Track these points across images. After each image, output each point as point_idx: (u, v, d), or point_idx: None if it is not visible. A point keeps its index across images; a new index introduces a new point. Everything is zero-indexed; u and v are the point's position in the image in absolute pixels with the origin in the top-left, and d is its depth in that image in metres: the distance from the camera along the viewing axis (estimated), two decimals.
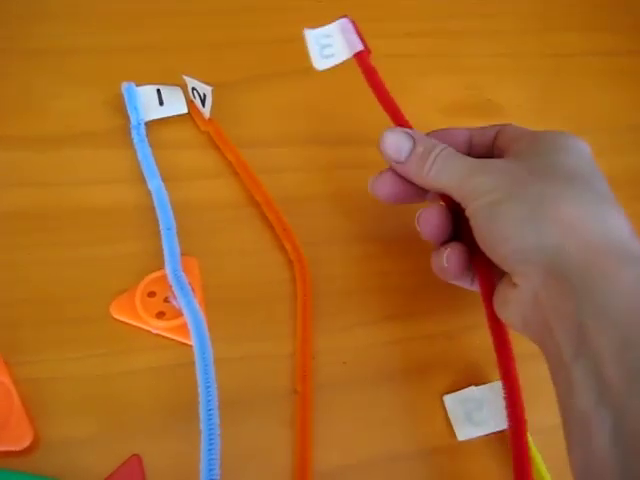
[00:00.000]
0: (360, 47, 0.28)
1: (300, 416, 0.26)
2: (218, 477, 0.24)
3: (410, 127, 0.27)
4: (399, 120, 0.27)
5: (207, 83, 0.31)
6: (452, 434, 0.27)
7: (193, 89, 0.33)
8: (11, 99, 0.33)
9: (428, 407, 0.28)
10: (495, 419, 0.27)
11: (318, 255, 0.30)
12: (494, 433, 0.27)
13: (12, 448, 0.24)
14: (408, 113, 0.35)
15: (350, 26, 0.29)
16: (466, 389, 0.28)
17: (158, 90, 0.33)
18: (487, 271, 0.25)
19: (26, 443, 0.24)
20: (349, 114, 0.34)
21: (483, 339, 0.27)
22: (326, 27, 0.28)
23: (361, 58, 0.28)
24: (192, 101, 0.34)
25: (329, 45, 0.28)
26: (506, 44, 0.39)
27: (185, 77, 0.33)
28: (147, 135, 0.32)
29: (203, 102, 0.32)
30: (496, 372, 0.25)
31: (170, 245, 0.29)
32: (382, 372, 0.28)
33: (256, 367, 0.27)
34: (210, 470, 0.24)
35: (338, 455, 0.26)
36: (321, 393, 0.27)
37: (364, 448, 0.26)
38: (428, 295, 0.30)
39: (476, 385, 0.28)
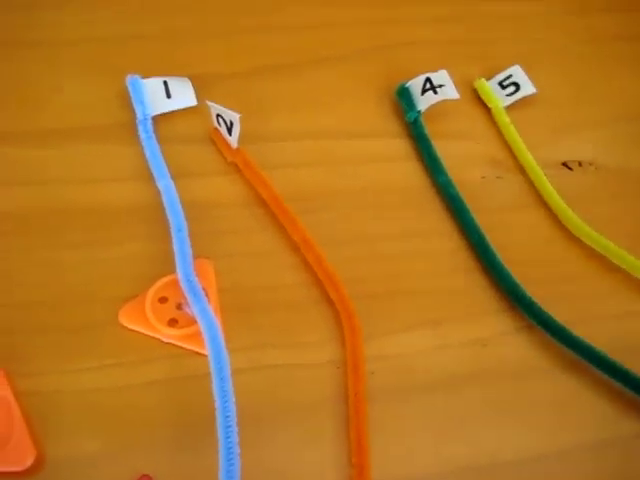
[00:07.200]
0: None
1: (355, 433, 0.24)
2: None
3: None
4: None
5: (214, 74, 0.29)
6: None
7: (218, 116, 0.30)
8: (9, 93, 0.31)
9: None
10: None
11: (341, 256, 0.28)
12: None
13: (14, 468, 0.22)
14: None
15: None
16: None
17: (165, 82, 0.32)
18: None
19: (28, 462, 0.22)
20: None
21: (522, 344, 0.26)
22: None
23: None
24: (217, 129, 0.31)
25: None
26: (530, 29, 0.37)
27: (209, 103, 0.30)
28: (155, 130, 0.30)
29: (230, 130, 0.29)
30: None
31: (181, 248, 0.27)
32: (420, 380, 0.26)
33: (277, 378, 0.25)
34: None
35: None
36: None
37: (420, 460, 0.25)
38: (459, 300, 0.28)
39: None
